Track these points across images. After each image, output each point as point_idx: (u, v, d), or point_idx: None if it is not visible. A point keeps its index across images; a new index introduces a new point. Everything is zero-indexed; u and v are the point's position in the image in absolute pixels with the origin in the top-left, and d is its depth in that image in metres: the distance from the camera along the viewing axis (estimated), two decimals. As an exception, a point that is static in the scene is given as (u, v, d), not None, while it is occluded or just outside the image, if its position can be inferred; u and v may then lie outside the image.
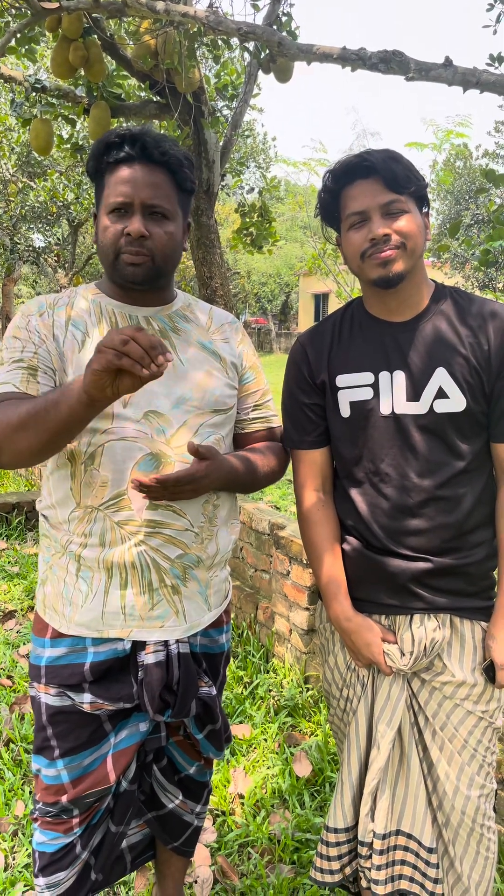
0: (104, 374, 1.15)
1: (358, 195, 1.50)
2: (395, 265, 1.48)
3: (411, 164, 1.51)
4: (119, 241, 1.44)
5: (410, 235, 1.48)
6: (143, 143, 1.43)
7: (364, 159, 1.49)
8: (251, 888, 2.02)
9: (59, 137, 4.75)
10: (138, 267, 1.44)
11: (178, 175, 1.49)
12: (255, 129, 12.37)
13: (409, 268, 1.50)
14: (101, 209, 1.48)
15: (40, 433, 1.28)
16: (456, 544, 1.54)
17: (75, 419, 1.26)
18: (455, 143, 4.68)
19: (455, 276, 17.92)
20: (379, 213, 1.48)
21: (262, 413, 1.67)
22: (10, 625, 3.71)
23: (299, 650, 3.07)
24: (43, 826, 1.54)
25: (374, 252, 1.48)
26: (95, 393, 1.18)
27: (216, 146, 4.43)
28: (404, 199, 1.48)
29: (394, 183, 1.47)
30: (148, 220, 1.44)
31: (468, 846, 1.58)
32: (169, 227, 1.47)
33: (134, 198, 1.43)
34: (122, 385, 1.17)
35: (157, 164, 1.45)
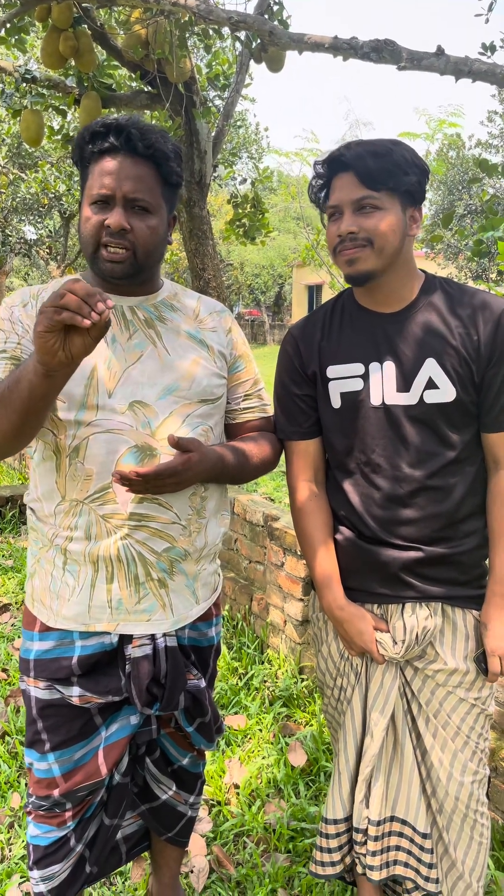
0: (49, 336, 1.11)
1: (336, 188, 1.50)
2: (360, 264, 1.48)
3: (406, 156, 1.46)
4: (99, 233, 1.41)
5: (379, 234, 1.46)
6: (128, 134, 1.40)
7: (341, 154, 1.47)
8: (247, 877, 2.03)
9: (50, 128, 4.72)
10: (117, 264, 1.42)
11: (163, 168, 1.45)
12: (248, 119, 12.31)
13: (379, 266, 1.48)
14: (84, 199, 1.45)
15: (8, 415, 1.25)
16: (447, 534, 1.54)
17: (37, 394, 1.22)
18: (448, 133, 4.66)
19: (448, 266, 17.91)
20: (350, 208, 1.47)
21: (254, 402, 1.66)
22: (5, 618, 3.71)
23: (294, 641, 3.08)
24: (37, 819, 1.55)
25: (342, 249, 1.49)
26: (48, 359, 1.14)
27: (208, 136, 4.41)
28: (378, 196, 1.45)
29: (368, 179, 1.45)
30: (130, 213, 1.41)
31: (462, 832, 1.60)
32: (151, 220, 1.44)
33: (116, 190, 1.40)
34: (74, 346, 1.13)
35: (141, 157, 1.42)
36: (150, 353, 1.46)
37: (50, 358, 1.13)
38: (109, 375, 1.41)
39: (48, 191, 11.40)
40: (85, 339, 1.13)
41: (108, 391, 1.41)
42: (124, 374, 1.42)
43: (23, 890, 1.97)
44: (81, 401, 1.39)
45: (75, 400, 1.39)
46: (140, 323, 1.49)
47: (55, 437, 1.42)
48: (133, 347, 1.45)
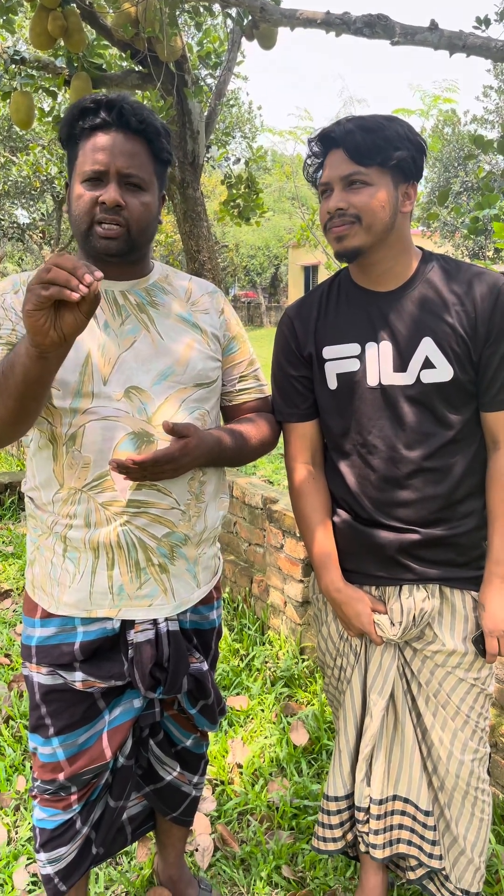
0: (39, 314, 1.08)
1: (327, 165, 1.49)
2: (347, 241, 1.47)
3: (397, 132, 1.44)
4: (93, 210, 1.38)
5: (366, 210, 1.44)
6: (120, 110, 1.38)
7: (330, 130, 1.46)
8: (251, 854, 2.06)
9: (41, 110, 4.66)
10: (112, 240, 1.39)
11: (154, 144, 1.44)
12: (240, 97, 12.17)
13: (368, 243, 1.47)
14: (75, 177, 1.42)
15: (5, 401, 1.23)
16: (445, 515, 1.54)
17: (32, 377, 1.19)
18: (443, 110, 4.62)
19: (445, 245, 17.80)
20: (340, 185, 1.46)
21: (250, 383, 1.65)
22: (6, 604, 3.72)
23: (294, 622, 3.10)
24: (42, 803, 1.56)
25: (331, 226, 1.48)
26: (39, 339, 1.10)
27: (200, 116, 4.36)
28: (367, 172, 1.44)
29: (356, 154, 1.43)
30: (123, 189, 1.39)
31: (463, 808, 1.61)
32: (145, 197, 1.42)
33: (110, 166, 1.38)
34: (65, 324, 1.10)
35: (133, 133, 1.41)
36: (143, 339, 1.45)
37: (42, 338, 1.10)
38: (104, 362, 1.40)
39: (40, 173, 11.29)
40: (76, 316, 1.10)
41: (103, 378, 1.40)
42: (118, 360, 1.41)
43: (30, 871, 2.00)
44: (76, 388, 1.38)
45: (70, 388, 1.38)
46: (132, 308, 1.47)
47: (51, 426, 1.41)
48: (126, 333, 1.44)
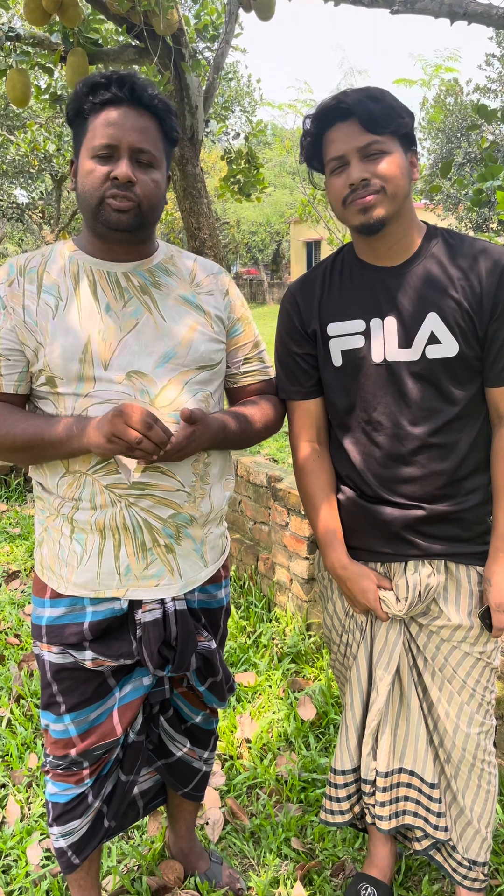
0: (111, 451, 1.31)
1: (336, 139, 1.45)
2: (375, 211, 1.44)
3: (395, 101, 1.44)
4: (104, 185, 1.37)
5: (390, 178, 1.43)
6: (132, 85, 1.37)
7: (340, 101, 1.43)
8: (261, 827, 2.09)
9: (37, 87, 4.60)
10: (124, 213, 1.38)
11: (165, 122, 1.43)
12: (239, 71, 12.00)
13: (392, 212, 1.46)
14: (83, 153, 1.40)
15: (36, 458, 1.42)
16: (450, 491, 1.54)
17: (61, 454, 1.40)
18: (445, 79, 4.55)
19: (448, 217, 17.63)
20: (357, 156, 1.43)
21: (255, 366, 1.64)
22: (15, 585, 3.75)
23: (300, 599, 3.12)
24: (55, 778, 1.59)
25: (354, 198, 1.44)
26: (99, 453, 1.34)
27: (199, 91, 4.30)
28: (384, 140, 1.43)
29: (371, 124, 1.41)
30: (134, 165, 1.38)
31: (469, 780, 1.63)
32: (155, 174, 1.41)
33: (122, 140, 1.36)
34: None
35: (145, 109, 1.39)
36: (145, 321, 1.44)
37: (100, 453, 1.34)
38: (105, 346, 1.40)
39: (38, 152, 11.19)
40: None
41: (104, 363, 1.39)
42: (120, 343, 1.41)
43: (43, 847, 2.03)
44: (77, 375, 1.38)
45: (71, 374, 1.38)
46: (135, 289, 1.46)
47: (55, 410, 1.41)
48: (128, 315, 1.43)
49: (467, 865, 1.67)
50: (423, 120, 16.09)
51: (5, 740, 2.48)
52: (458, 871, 1.69)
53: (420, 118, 16.41)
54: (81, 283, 1.44)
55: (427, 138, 17.88)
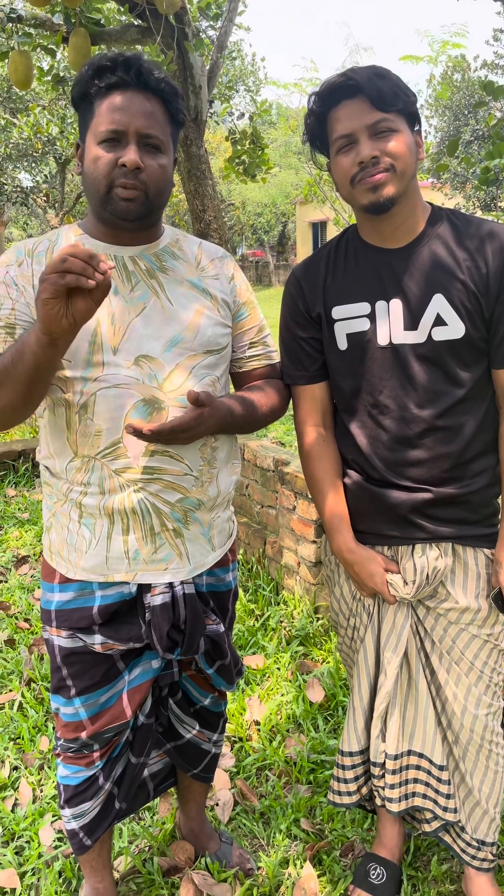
0: (54, 302, 1.13)
1: (344, 117, 1.43)
2: (385, 189, 1.42)
3: (400, 79, 1.43)
4: (112, 172, 1.35)
5: (400, 156, 1.42)
6: (138, 69, 1.35)
7: (348, 78, 1.41)
8: (270, 808, 2.11)
9: (40, 69, 4.56)
10: (132, 202, 1.37)
11: (171, 105, 1.41)
12: (243, 49, 11.87)
13: (401, 191, 1.44)
14: (89, 138, 1.39)
15: (15, 387, 1.29)
16: (456, 474, 1.54)
17: (42, 364, 1.25)
18: (452, 55, 4.48)
19: (455, 196, 17.44)
20: (366, 134, 1.41)
21: (259, 350, 1.64)
22: (24, 569, 3.78)
23: (308, 582, 3.13)
24: (66, 761, 1.60)
25: (364, 176, 1.42)
26: (52, 327, 1.16)
27: (202, 70, 4.25)
28: (392, 118, 1.41)
29: (380, 101, 1.39)
30: (142, 151, 1.37)
31: (478, 761, 1.64)
32: (162, 159, 1.40)
33: (129, 126, 1.35)
34: (77, 310, 1.16)
35: (152, 92, 1.37)
36: (152, 305, 1.43)
37: (55, 326, 1.16)
38: (113, 331, 1.39)
39: (41, 135, 11.12)
40: (87, 302, 1.16)
41: (113, 347, 1.39)
42: (128, 328, 1.40)
43: (55, 828, 2.06)
44: (86, 358, 1.38)
45: (80, 358, 1.38)
46: (142, 273, 1.45)
47: (63, 395, 1.41)
48: (135, 300, 1.42)
49: (476, 846, 1.68)
50: (430, 97, 15.89)
51: (17, 723, 2.50)
52: (466, 851, 1.70)
53: (427, 95, 16.19)
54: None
55: (434, 116, 17.66)
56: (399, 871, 1.84)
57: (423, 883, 1.85)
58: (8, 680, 2.77)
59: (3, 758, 2.35)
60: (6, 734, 2.46)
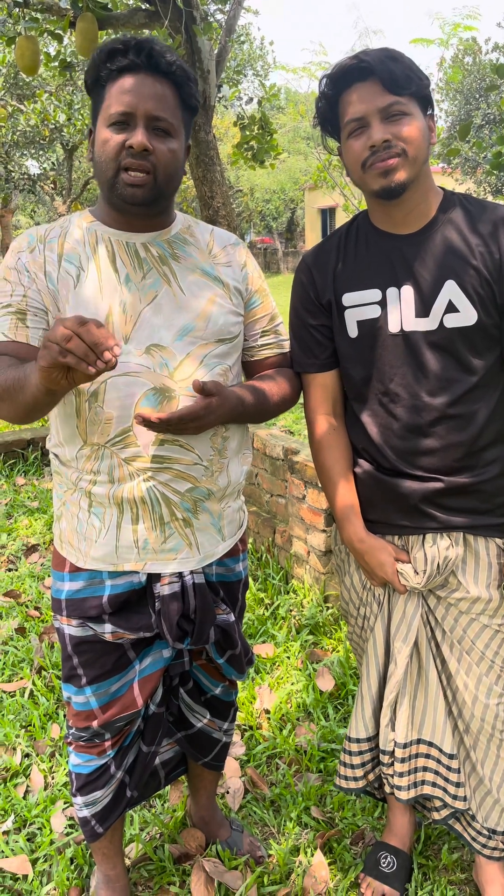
0: (52, 371, 1.11)
1: (355, 100, 1.41)
2: (396, 174, 1.40)
3: (412, 62, 1.41)
4: (120, 154, 1.34)
5: (412, 141, 1.40)
6: (149, 52, 1.33)
7: (360, 60, 1.39)
8: (280, 796, 2.11)
9: (47, 55, 4.53)
10: (139, 188, 1.35)
11: (183, 89, 1.39)
12: (251, 33, 11.75)
13: (413, 176, 1.42)
14: (100, 121, 1.37)
15: (16, 408, 1.28)
16: (468, 463, 1.52)
17: (41, 402, 1.24)
18: (463, 38, 4.41)
19: (466, 181, 17.28)
20: (378, 117, 1.39)
21: (271, 338, 1.62)
22: (34, 558, 3.79)
23: (318, 571, 3.12)
24: (77, 749, 1.61)
25: (375, 161, 1.40)
26: (50, 385, 1.15)
27: (210, 54, 4.20)
28: (405, 101, 1.39)
29: (393, 84, 1.37)
30: (151, 134, 1.35)
31: (488, 750, 1.64)
32: (172, 144, 1.38)
33: (137, 108, 1.33)
34: (77, 377, 1.13)
35: (163, 76, 1.36)
36: (164, 293, 1.42)
37: (53, 385, 1.15)
38: (125, 319, 1.38)
39: (48, 122, 11.07)
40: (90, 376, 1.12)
41: (125, 336, 1.38)
42: (139, 316, 1.39)
43: (67, 815, 2.07)
44: None
45: None
46: (154, 261, 1.44)
47: None
48: (147, 287, 1.41)
49: (486, 834, 1.68)
50: (441, 81, 15.71)
51: (28, 711, 2.52)
52: (477, 839, 1.70)
53: (438, 79, 16.01)
54: (100, 253, 1.42)
55: (445, 100, 17.47)
56: (409, 860, 1.85)
57: (434, 871, 1.86)
58: (19, 668, 2.78)
59: (14, 745, 2.36)
60: (17, 722, 2.47)
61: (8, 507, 4.49)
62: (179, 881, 1.85)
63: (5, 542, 3.98)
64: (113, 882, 1.77)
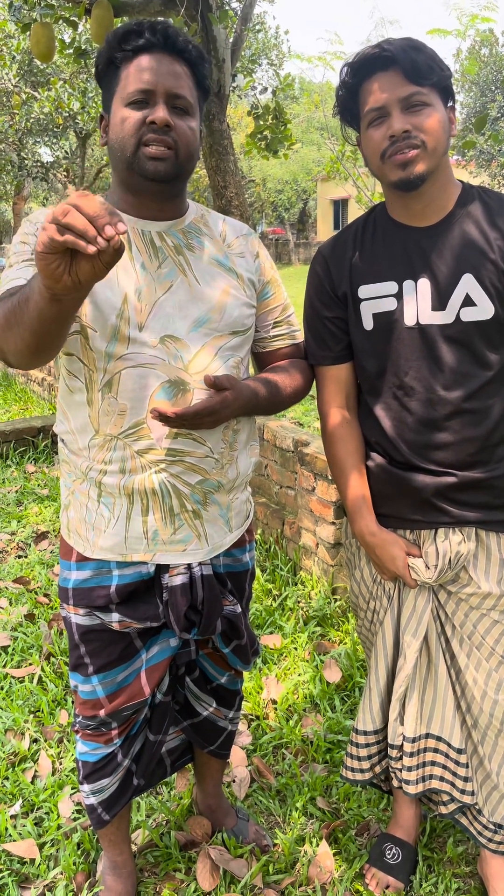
0: (51, 258, 0.97)
1: (376, 89, 1.40)
2: (415, 166, 1.39)
3: (435, 52, 1.39)
4: (140, 130, 1.32)
5: (432, 132, 1.38)
6: (165, 32, 1.34)
7: (383, 49, 1.37)
8: (286, 786, 2.12)
9: (61, 42, 4.51)
10: (161, 161, 1.33)
11: (198, 69, 1.39)
12: (267, 22, 11.67)
13: (432, 168, 1.41)
14: (116, 102, 1.36)
15: (22, 332, 1.16)
16: (482, 457, 1.51)
17: (46, 317, 1.11)
18: (480, 29, 4.37)
19: (481, 174, 17.15)
20: (399, 107, 1.38)
21: (283, 329, 1.61)
22: (44, 545, 3.81)
23: (326, 563, 3.12)
24: (84, 738, 1.62)
25: (394, 151, 1.39)
26: (51, 283, 1.01)
27: (226, 43, 4.18)
28: (426, 92, 1.38)
29: (414, 74, 1.36)
30: (170, 111, 1.34)
31: (496, 745, 1.64)
32: (191, 122, 1.38)
33: (157, 85, 1.32)
34: (81, 270, 0.99)
35: (179, 55, 1.36)
36: (180, 283, 1.41)
37: (54, 282, 1.00)
38: (140, 307, 1.37)
39: (62, 110, 11.04)
40: (94, 265, 0.99)
41: (139, 324, 1.37)
42: (155, 305, 1.38)
43: (74, 800, 2.09)
44: (113, 332, 1.35)
45: (106, 330, 1.35)
46: (169, 250, 1.43)
47: (87, 369, 1.39)
48: (163, 277, 1.40)
49: (493, 829, 1.68)
50: (457, 72, 15.56)
51: (37, 697, 2.53)
52: (483, 833, 1.70)
53: (454, 70, 15.86)
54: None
55: (461, 91, 17.31)
56: (414, 852, 1.85)
57: (439, 864, 1.86)
58: (28, 654, 2.80)
59: (23, 730, 2.38)
60: (26, 707, 2.49)
61: (18, 494, 4.51)
62: (185, 868, 1.86)
63: (15, 529, 4.00)
64: (119, 868, 1.79)
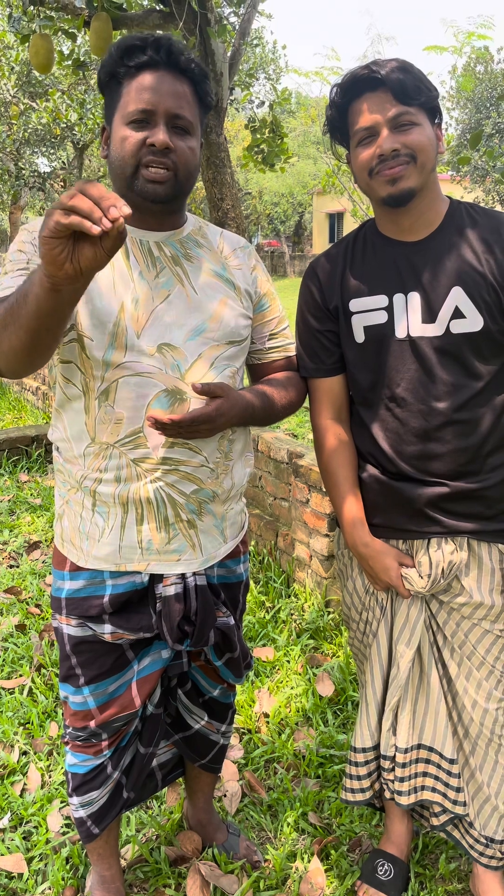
0: (55, 242, 0.99)
1: (365, 109, 1.43)
2: (404, 182, 1.42)
3: (422, 73, 1.43)
4: (140, 151, 1.33)
5: (421, 149, 1.41)
6: (168, 49, 1.33)
7: (371, 70, 1.41)
8: (278, 801, 2.11)
9: (60, 53, 4.54)
10: (160, 185, 1.34)
11: (200, 87, 1.39)
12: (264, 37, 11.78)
13: (420, 184, 1.43)
14: (117, 119, 1.36)
15: (18, 331, 1.17)
16: (473, 468, 1.52)
17: (45, 310, 1.12)
18: (476, 47, 4.41)
19: (475, 190, 17.28)
20: (387, 126, 1.41)
21: (279, 342, 1.62)
22: (36, 555, 3.79)
23: (320, 575, 3.11)
24: (74, 749, 1.60)
25: (383, 168, 1.42)
26: (53, 269, 1.02)
27: (224, 57, 4.21)
28: (414, 111, 1.41)
29: (402, 94, 1.39)
30: (171, 132, 1.34)
31: (487, 756, 1.63)
32: (191, 141, 1.38)
33: (158, 106, 1.32)
34: (83, 257, 1.01)
35: (181, 73, 1.35)
36: (177, 293, 1.41)
37: (55, 269, 1.02)
38: (137, 315, 1.37)
39: (60, 120, 11.09)
40: (96, 251, 1.01)
41: (137, 332, 1.37)
42: (152, 314, 1.38)
43: (63, 814, 2.06)
44: (110, 340, 1.35)
45: (104, 338, 1.35)
46: (167, 260, 1.43)
47: (84, 377, 1.39)
48: (160, 286, 1.40)
49: (484, 843, 1.67)
50: (453, 89, 15.71)
51: (27, 709, 2.51)
52: (475, 847, 1.69)
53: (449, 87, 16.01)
54: None
55: (456, 108, 17.47)
56: (407, 868, 1.84)
57: (431, 881, 1.85)
58: (18, 665, 2.78)
59: (12, 742, 2.36)
60: (16, 719, 2.47)
61: (11, 503, 4.49)
62: (175, 884, 1.84)
63: (7, 539, 3.98)
64: (108, 883, 1.77)
